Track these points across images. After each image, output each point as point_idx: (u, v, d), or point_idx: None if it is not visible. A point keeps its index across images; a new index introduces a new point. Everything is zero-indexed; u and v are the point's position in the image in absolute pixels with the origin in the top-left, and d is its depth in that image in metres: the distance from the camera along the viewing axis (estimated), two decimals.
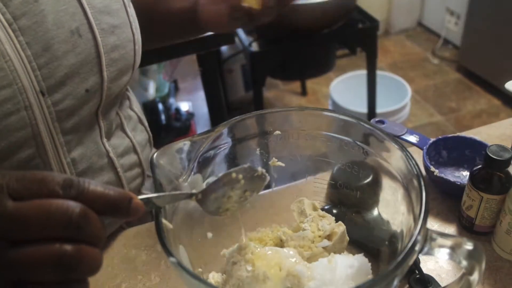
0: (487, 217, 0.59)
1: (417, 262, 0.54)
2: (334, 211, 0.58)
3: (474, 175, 0.58)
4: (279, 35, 1.59)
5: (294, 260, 0.48)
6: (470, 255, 0.38)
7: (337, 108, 2.11)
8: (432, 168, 0.66)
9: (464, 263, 0.38)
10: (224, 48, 2.22)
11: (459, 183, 0.63)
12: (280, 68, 1.73)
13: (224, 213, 0.45)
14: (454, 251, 0.38)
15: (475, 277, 0.39)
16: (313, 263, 0.48)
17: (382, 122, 0.72)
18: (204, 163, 0.50)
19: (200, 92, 2.38)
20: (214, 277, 0.50)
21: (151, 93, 2.04)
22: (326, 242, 0.52)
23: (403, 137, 0.71)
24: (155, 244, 0.63)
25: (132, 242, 0.65)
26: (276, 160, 0.55)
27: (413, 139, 0.71)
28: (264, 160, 0.56)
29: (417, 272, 0.54)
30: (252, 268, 0.46)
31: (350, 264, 0.47)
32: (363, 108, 1.92)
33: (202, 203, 0.43)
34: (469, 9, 2.36)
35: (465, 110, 2.32)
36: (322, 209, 0.57)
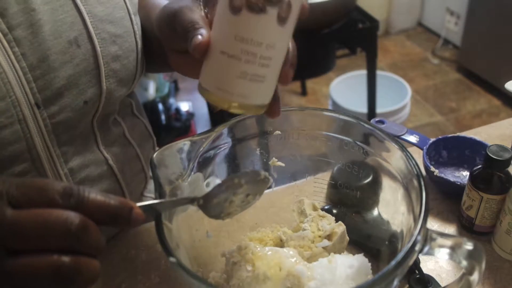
0: (487, 217, 0.59)
1: (417, 262, 0.54)
2: (334, 211, 0.58)
3: (474, 175, 0.58)
4: None
5: (294, 260, 0.47)
6: (470, 255, 0.38)
7: (337, 108, 2.11)
8: (432, 168, 0.66)
9: (464, 263, 0.38)
10: None
11: (459, 183, 0.63)
12: None
13: (227, 218, 0.45)
14: (454, 251, 0.38)
15: (475, 277, 0.39)
16: (313, 263, 0.48)
17: (382, 122, 0.72)
18: (204, 163, 0.50)
19: None
20: (214, 277, 0.50)
21: (151, 93, 2.04)
22: (326, 242, 0.52)
23: (403, 137, 0.71)
24: (155, 244, 0.63)
25: (132, 242, 0.64)
26: (276, 160, 0.55)
27: (413, 139, 0.71)
28: (264, 160, 0.56)
29: (417, 272, 0.54)
30: (252, 268, 0.46)
31: (350, 264, 0.47)
32: (363, 108, 1.92)
33: (204, 209, 0.43)
34: (469, 9, 2.35)
35: (465, 110, 2.32)
36: (322, 209, 0.57)
